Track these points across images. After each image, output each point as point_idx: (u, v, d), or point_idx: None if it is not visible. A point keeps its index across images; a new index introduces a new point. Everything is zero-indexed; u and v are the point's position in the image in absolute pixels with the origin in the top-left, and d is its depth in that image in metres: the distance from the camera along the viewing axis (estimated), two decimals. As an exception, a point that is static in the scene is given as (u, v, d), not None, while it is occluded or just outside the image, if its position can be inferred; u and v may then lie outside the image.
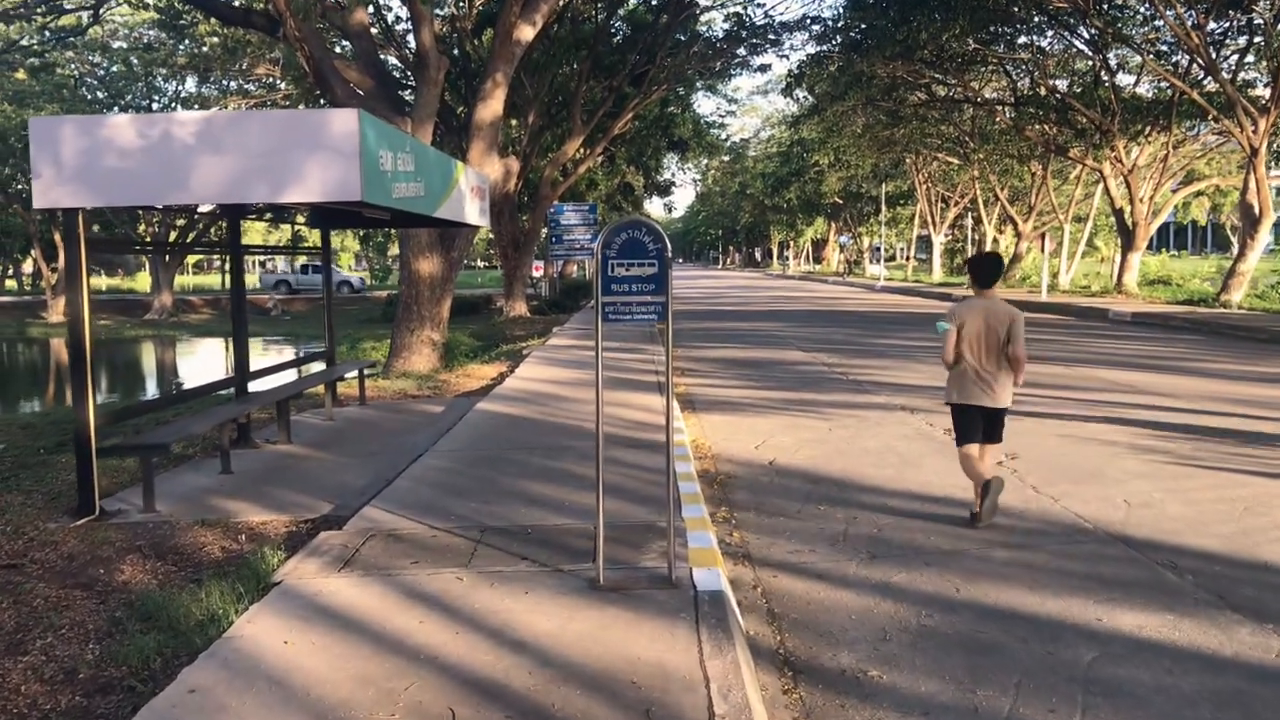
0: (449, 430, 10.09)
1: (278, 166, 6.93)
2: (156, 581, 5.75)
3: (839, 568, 5.99)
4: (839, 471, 8.48)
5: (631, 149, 35.14)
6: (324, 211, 11.95)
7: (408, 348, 15.45)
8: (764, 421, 10.95)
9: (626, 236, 5.06)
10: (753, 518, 7.17)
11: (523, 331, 25.65)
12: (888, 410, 11.45)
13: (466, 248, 16.19)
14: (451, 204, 10.16)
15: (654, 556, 5.62)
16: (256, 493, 7.75)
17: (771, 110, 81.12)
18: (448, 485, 7.56)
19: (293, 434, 10.16)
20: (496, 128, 15.36)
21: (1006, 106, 34.58)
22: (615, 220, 5.01)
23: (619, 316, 5.15)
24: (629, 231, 5.06)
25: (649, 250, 5.06)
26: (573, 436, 9.61)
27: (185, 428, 7.89)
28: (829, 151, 41.81)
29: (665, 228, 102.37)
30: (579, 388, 13.08)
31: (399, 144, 7.99)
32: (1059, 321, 25.27)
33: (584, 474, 7.89)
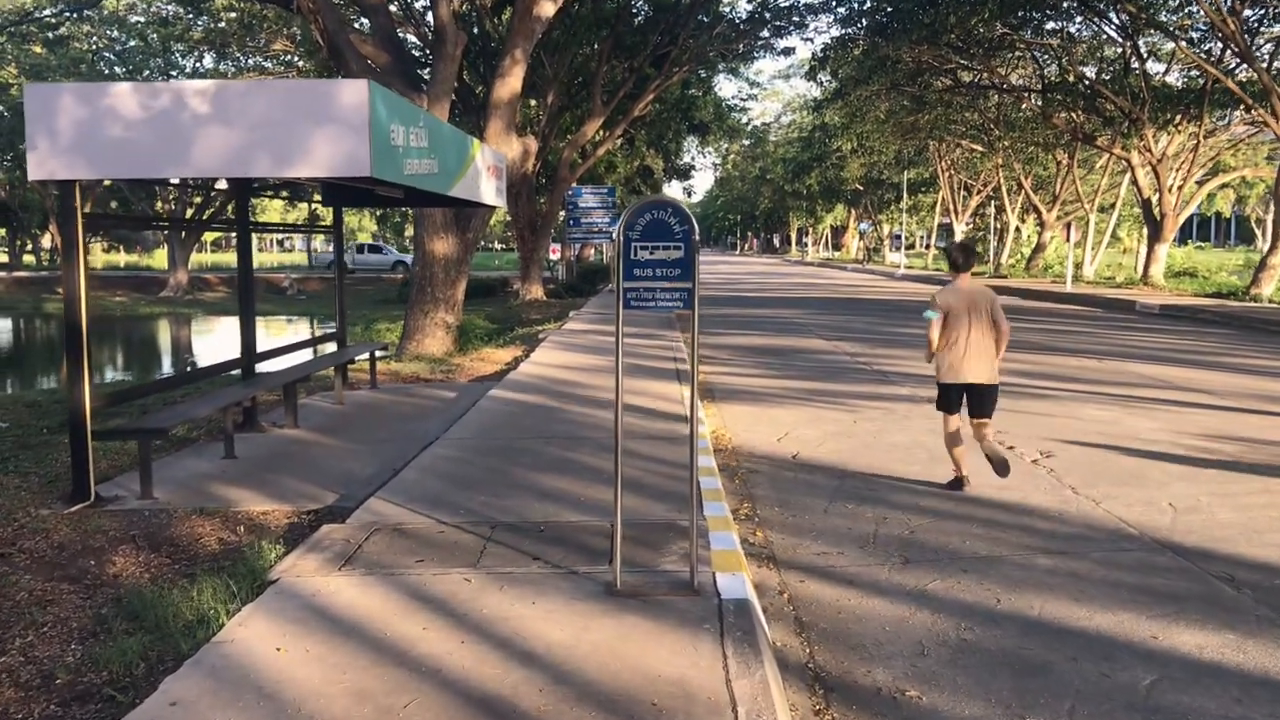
0: (461, 417, 9.77)
1: (283, 139, 6.59)
2: (148, 575, 5.44)
3: (870, 572, 5.64)
4: (866, 467, 8.12)
5: (652, 132, 34.67)
6: (336, 188, 11.62)
7: (421, 330, 15.13)
8: (786, 413, 10.59)
9: (650, 217, 4.70)
10: (777, 515, 6.83)
11: (539, 315, 25.32)
12: (914, 403, 11.06)
13: (482, 229, 15.85)
14: (467, 183, 9.81)
15: (674, 559, 5.28)
16: (259, 480, 7.44)
17: (793, 95, 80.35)
18: (458, 476, 7.24)
19: (300, 418, 9.86)
20: (515, 106, 14.98)
21: (1034, 93, 33.94)
22: (637, 201, 4.64)
23: (641, 303, 4.80)
24: (653, 212, 4.70)
25: (674, 232, 4.70)
26: (589, 426, 9.27)
27: (186, 411, 7.58)
28: (852, 137, 41.24)
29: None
30: (596, 374, 12.74)
31: (412, 118, 7.64)
32: (1085, 313, 24.79)
33: (600, 466, 7.55)
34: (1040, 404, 10.93)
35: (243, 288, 9.56)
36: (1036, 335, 18.68)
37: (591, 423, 9.43)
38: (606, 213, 32.23)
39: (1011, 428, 9.58)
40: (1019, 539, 6.19)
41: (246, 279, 9.58)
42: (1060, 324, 21.38)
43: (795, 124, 71.00)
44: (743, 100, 48.74)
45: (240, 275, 9.57)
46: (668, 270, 4.72)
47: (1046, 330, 19.78)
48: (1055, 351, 15.88)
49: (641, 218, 4.70)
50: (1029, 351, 15.82)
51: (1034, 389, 11.94)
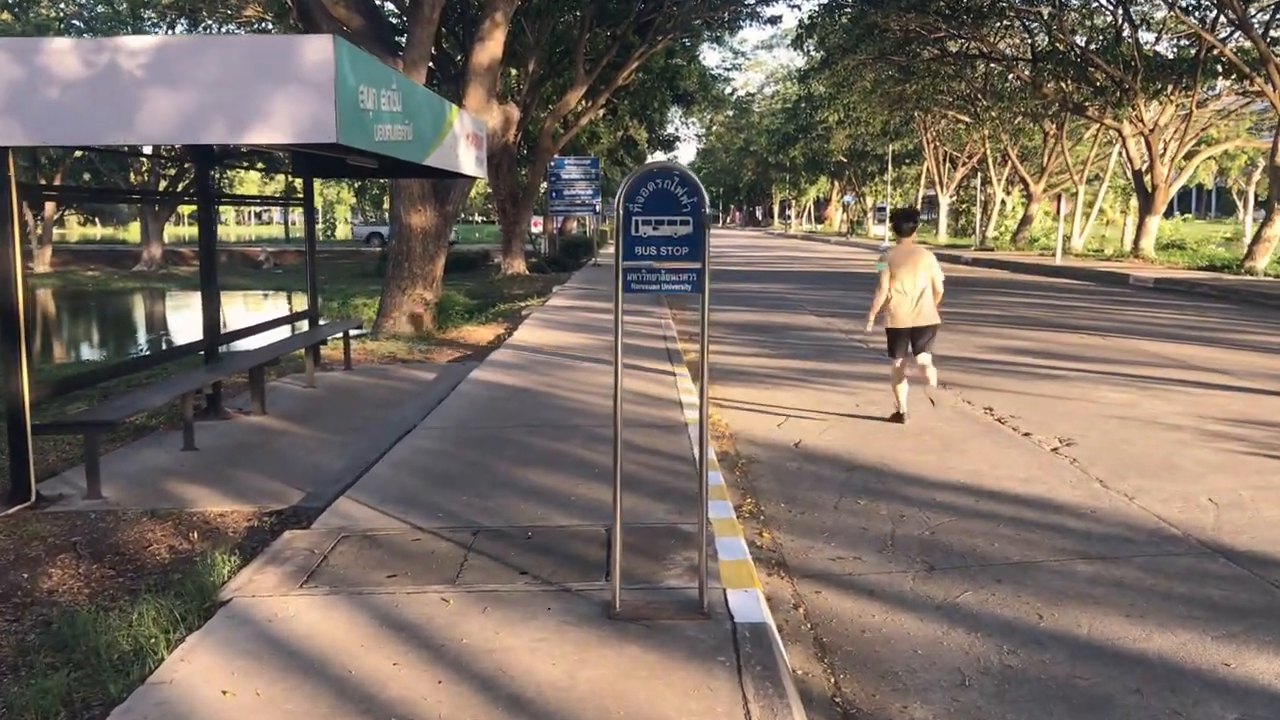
0: (440, 403, 9.16)
1: (239, 102, 5.94)
2: (87, 592, 4.84)
3: (893, 582, 5.09)
4: (875, 456, 7.56)
5: (635, 101, 33.88)
6: (306, 158, 10.94)
7: (398, 307, 14.47)
8: (784, 395, 10.03)
9: (655, 187, 4.09)
10: (784, 512, 6.27)
11: (521, 290, 24.65)
12: (918, 384, 10.51)
13: (462, 201, 15.17)
14: (444, 151, 9.16)
15: (679, 572, 4.71)
16: (219, 475, 6.83)
17: (776, 66, 79.50)
18: (435, 472, 6.64)
19: (269, 403, 9.24)
20: (495, 72, 14.28)
21: (1023, 62, 33.32)
22: (639, 167, 4.03)
23: (644, 286, 4.21)
24: (658, 180, 4.09)
25: (682, 205, 4.10)
26: (578, 413, 8.68)
27: (139, 401, 6.94)
28: (838, 107, 40.52)
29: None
30: (582, 354, 12.14)
31: (383, 80, 6.99)
32: (1078, 287, 24.31)
33: (592, 460, 6.97)
34: (1051, 385, 10.41)
35: (205, 264, 8.91)
36: (1035, 311, 18.18)
37: (580, 409, 8.85)
38: (590, 184, 31.50)
39: (1025, 412, 9.05)
40: (1052, 541, 5.65)
41: (209, 254, 8.92)
42: (1055, 299, 20.89)
43: (779, 95, 70.13)
44: (726, 70, 47.90)
45: (202, 250, 8.92)
46: (674, 248, 4.13)
47: (1043, 305, 19.29)
48: (1056, 328, 15.37)
49: (644, 187, 4.10)
50: (1030, 328, 15.32)
51: (1042, 369, 11.42)
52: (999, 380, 10.72)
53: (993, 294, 22.06)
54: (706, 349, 4.21)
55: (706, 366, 4.27)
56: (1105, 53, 29.89)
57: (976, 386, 10.33)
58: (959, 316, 16.83)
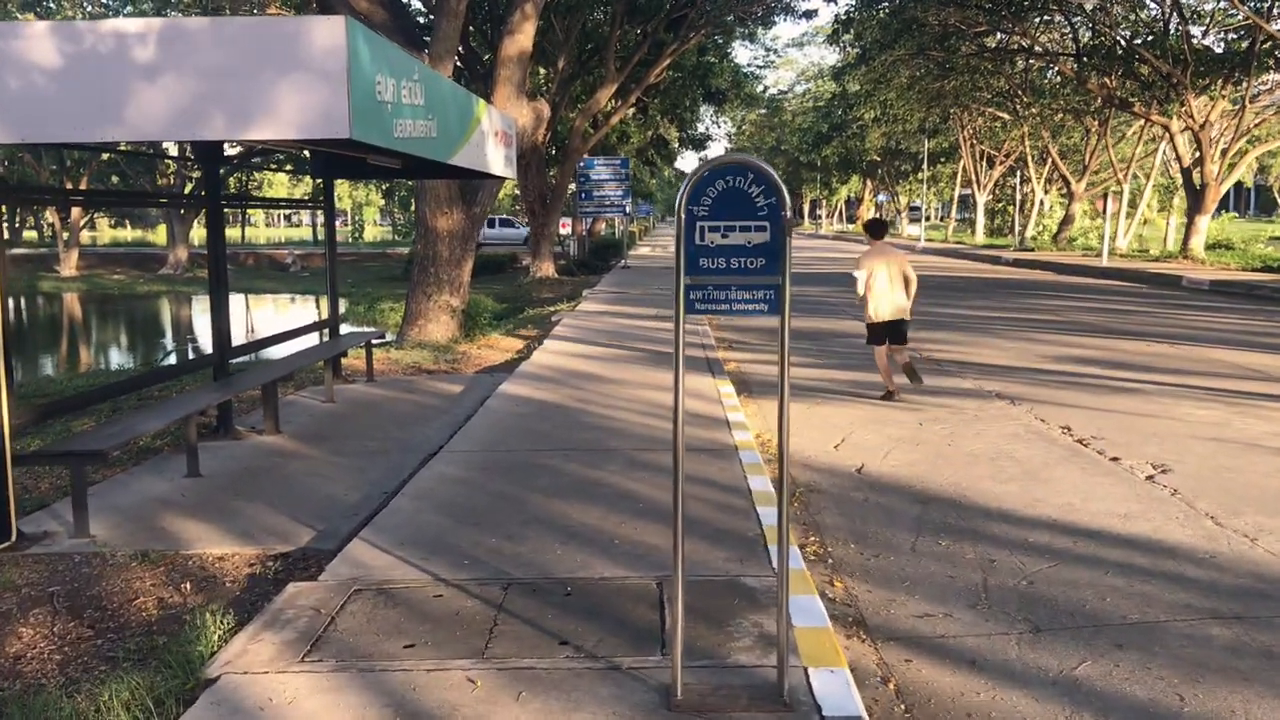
0: (466, 420, 8.47)
1: (240, 92, 5.27)
2: (58, 659, 4.17)
3: (994, 647, 4.33)
4: (949, 486, 6.80)
5: (666, 100, 33.13)
6: (325, 158, 10.30)
7: (423, 314, 13.81)
8: (837, 411, 9.27)
9: (724, 186, 3.37)
10: (855, 555, 5.52)
11: (550, 294, 23.99)
12: (983, 399, 9.74)
13: (490, 202, 14.50)
14: (471, 150, 8.48)
15: (748, 644, 3.98)
16: (222, 508, 6.16)
17: (807, 64, 78.52)
18: (461, 506, 5.93)
19: (284, 419, 8.61)
20: (525, 66, 13.59)
21: (1068, 58, 32.31)
22: (707, 162, 3.28)
23: (710, 305, 3.49)
24: (728, 178, 3.37)
25: (757, 207, 3.38)
26: (616, 433, 7.96)
27: (133, 426, 6.28)
28: (875, 104, 39.61)
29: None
30: (616, 365, 11.43)
31: (404, 70, 6.31)
32: (1129, 290, 23.34)
33: (634, 491, 6.25)
34: (1127, 400, 9.59)
35: (214, 271, 8.25)
36: (1090, 315, 17.28)
37: (617, 429, 8.13)
38: (620, 185, 30.82)
39: (1107, 432, 8.24)
40: (1172, 594, 4.87)
41: (218, 261, 8.27)
42: (1108, 302, 19.97)
43: (810, 93, 69.12)
44: (759, 68, 46.87)
45: (211, 256, 8.26)
46: (747, 260, 3.41)
47: (1098, 310, 18.38)
48: (1118, 334, 14.50)
49: (710, 186, 3.37)
50: (1090, 335, 14.45)
51: (1114, 381, 10.59)
52: (1070, 394, 9.91)
53: (1041, 297, 21.17)
54: (786, 392, 3.48)
55: (787, 415, 3.52)
56: (1153, 46, 28.87)
57: (1047, 401, 9.53)
58: (1012, 323, 16.01)
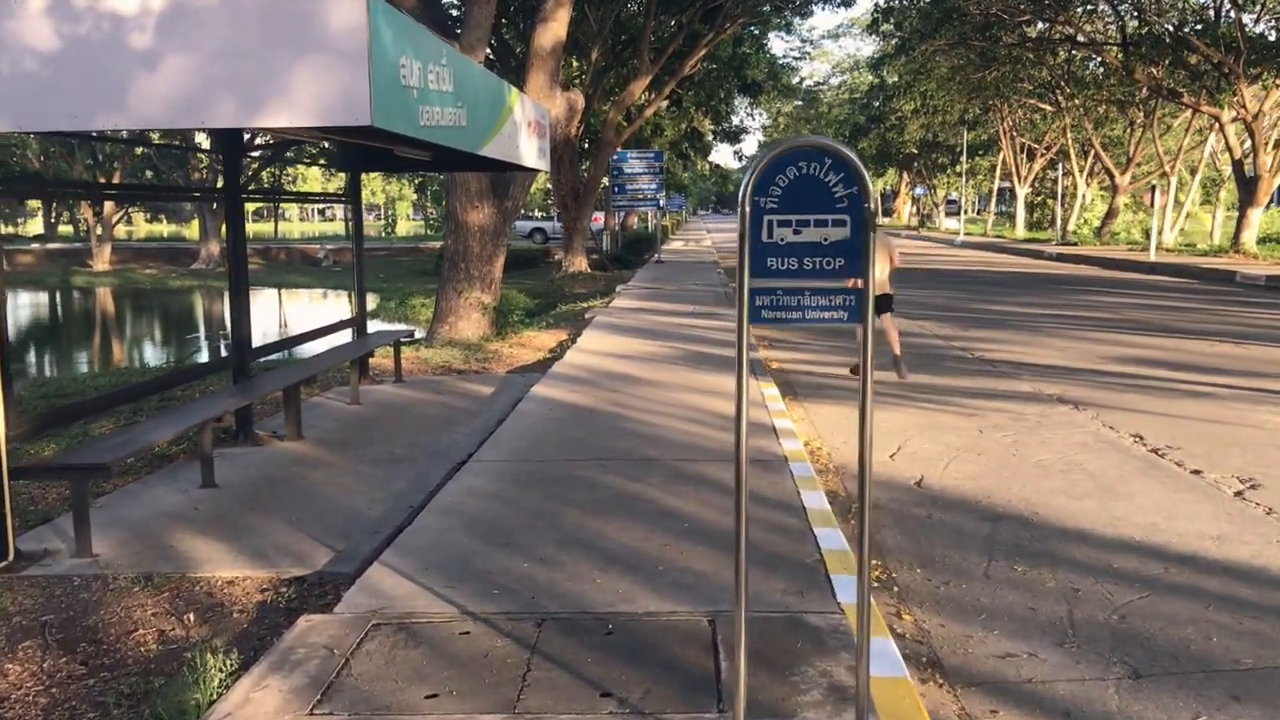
0: (498, 425, 8.02)
1: (252, 76, 4.84)
2: (44, 702, 3.76)
3: (1090, 696, 3.82)
4: (1019, 502, 6.27)
5: (701, 92, 32.58)
6: (351, 149, 9.89)
7: (454, 312, 13.39)
8: (888, 416, 8.74)
9: (797, 173, 2.87)
10: (923, 582, 5.02)
11: (583, 289, 23.53)
12: (1044, 403, 9.18)
13: (523, 196, 14.06)
14: (503, 141, 8.03)
15: (817, 699, 3.48)
16: (236, 524, 5.74)
17: (842, 56, 77.60)
18: (491, 524, 5.48)
19: (308, 423, 8.20)
20: (559, 55, 13.13)
21: (1114, 46, 31.45)
22: (776, 146, 2.78)
23: (780, 314, 2.99)
24: (801, 164, 2.87)
25: (836, 198, 2.88)
26: (655, 441, 7.48)
27: (142, 435, 5.86)
28: (915, 95, 38.83)
29: (727, 179, 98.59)
30: (653, 365, 10.95)
31: (431, 53, 5.86)
32: (1180, 285, 22.58)
33: (678, 508, 5.77)
34: (1200, 405, 9.00)
35: (233, 269, 7.84)
36: (1145, 313, 16.60)
37: (657, 435, 7.65)
38: (653, 178, 30.32)
39: (1183, 441, 7.67)
40: (1286, 633, 4.33)
41: (238, 258, 7.85)
42: (1161, 298, 19.26)
43: (845, 85, 68.24)
44: (794, 59, 46.28)
45: (230, 253, 7.85)
46: (823, 261, 2.91)
47: (1152, 307, 17.69)
48: (1177, 333, 13.85)
49: (781, 174, 2.88)
50: (1148, 333, 13.81)
51: (1182, 384, 9.99)
52: (1136, 398, 9.33)
53: (1090, 293, 20.48)
54: (870, 416, 2.99)
55: (870, 443, 3.03)
56: (1204, 34, 27.99)
57: (1113, 406, 8.96)
58: (1064, 320, 15.37)
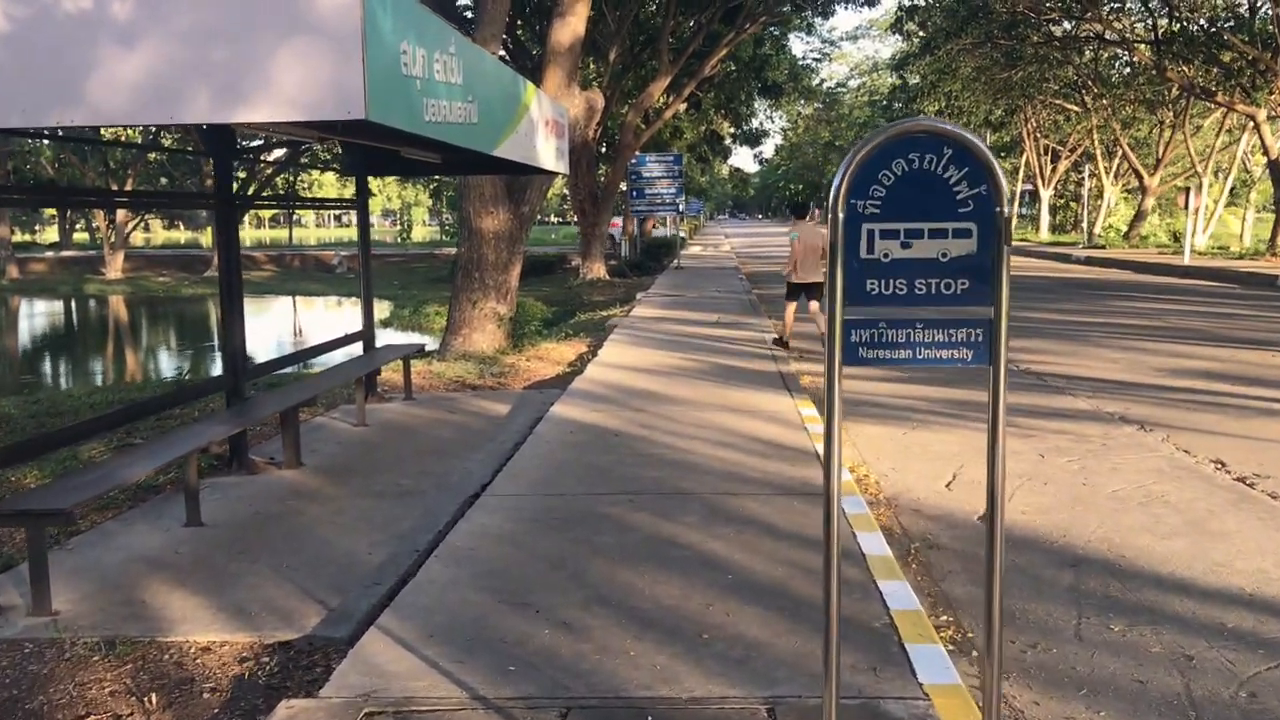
0: (514, 452, 7.35)
1: (228, 63, 4.19)
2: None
3: (1237, 808, 3.12)
4: (1100, 542, 5.55)
5: (721, 94, 31.87)
6: (358, 152, 9.26)
7: (468, 323, 12.73)
8: (938, 438, 8.03)
9: (907, 168, 2.19)
10: (1005, 643, 4.30)
11: (602, 297, 22.88)
12: (1106, 423, 8.45)
13: (540, 201, 13.40)
14: (519, 140, 7.36)
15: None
16: (219, 573, 5.08)
17: (861, 58, 76.69)
18: (506, 576, 4.79)
19: (309, 447, 7.59)
20: (577, 52, 12.46)
21: (1145, 44, 30.62)
22: (879, 132, 2.07)
23: (883, 351, 2.30)
24: (913, 155, 2.18)
25: (958, 199, 2.20)
26: (687, 470, 6.78)
27: (113, 474, 5.19)
28: (939, 96, 38.01)
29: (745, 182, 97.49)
30: (681, 381, 10.26)
31: (437, 40, 5.19)
32: (1220, 290, 21.74)
33: (720, 555, 5.08)
34: (1269, 424, 8.26)
35: (226, 283, 7.20)
36: (1192, 320, 15.80)
37: (689, 463, 6.96)
38: (673, 182, 29.63)
39: (1270, 466, 6.92)
40: None
41: (231, 270, 7.20)
42: (1202, 304, 18.44)
43: (865, 87, 67.42)
44: (814, 60, 45.38)
45: (222, 265, 7.21)
46: (941, 282, 2.22)
47: (1197, 314, 16.88)
48: (1231, 343, 13.05)
49: (885, 170, 2.19)
50: (1201, 343, 13.02)
51: (1253, 401, 9.24)
52: (1207, 417, 8.59)
53: (1128, 299, 19.67)
54: (1000, 491, 2.30)
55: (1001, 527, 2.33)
56: (1239, 30, 27.14)
57: (1183, 427, 8.22)
58: (1109, 329, 14.59)
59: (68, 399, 11.83)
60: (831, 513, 2.28)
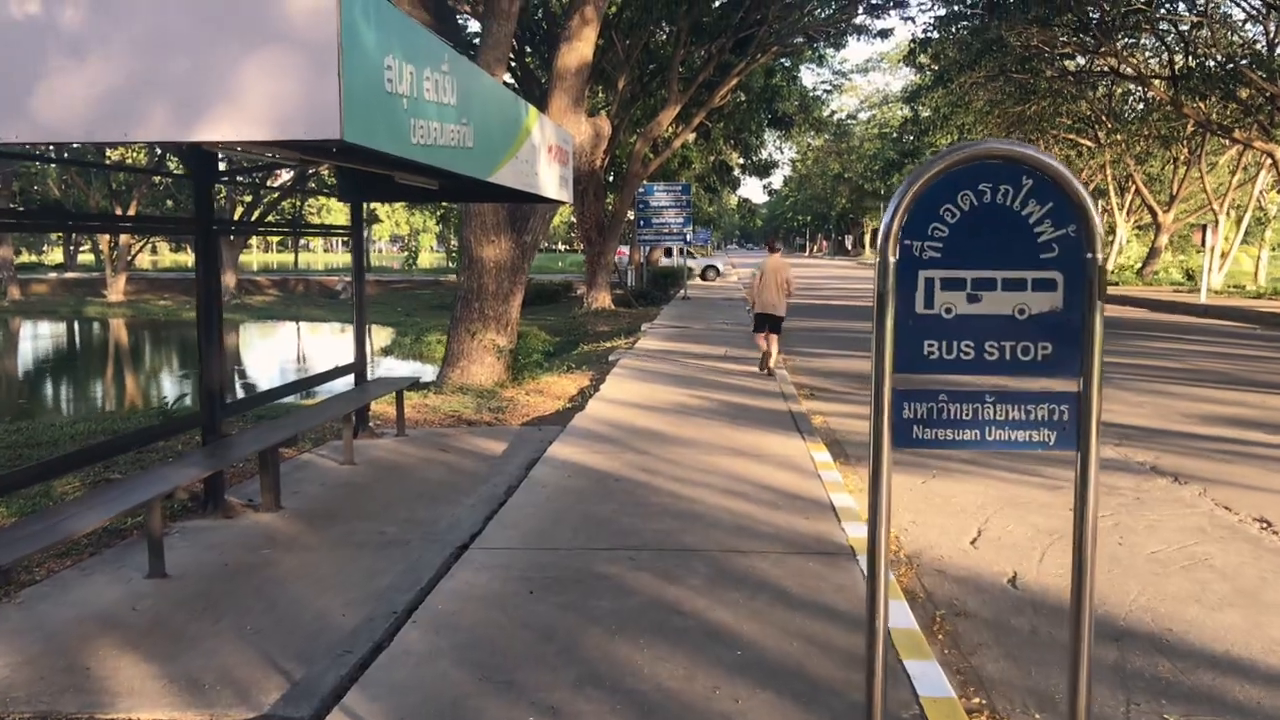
0: (508, 496, 6.89)
1: (186, 75, 3.77)
2: None
3: None
4: (1144, 613, 5.06)
5: (730, 124, 31.54)
6: (352, 177, 8.86)
7: (466, 355, 12.27)
8: (959, 488, 7.55)
9: (975, 202, 1.73)
10: (1048, 738, 3.83)
11: (607, 327, 22.44)
12: (1137, 474, 7.96)
13: (544, 229, 12.98)
14: (518, 167, 6.95)
15: None
16: (179, 634, 4.61)
17: (871, 90, 76.64)
18: (491, 649, 4.32)
19: (292, 488, 7.17)
20: (584, 77, 12.08)
21: (1161, 80, 30.26)
22: (942, 156, 1.61)
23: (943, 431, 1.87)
24: (983, 186, 1.73)
25: (1040, 242, 1.74)
26: (693, 521, 6.31)
27: (63, 524, 4.74)
28: (952, 129, 37.65)
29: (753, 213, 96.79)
30: (686, 419, 9.79)
31: (428, 55, 4.78)
32: (1240, 330, 21.23)
33: (728, 626, 4.60)
34: (1320, 479, 7.78)
35: (204, 312, 6.75)
36: (1215, 362, 15.29)
37: (696, 513, 6.48)
38: (680, 211, 29.27)
39: (1323, 530, 6.44)
40: None
41: (210, 299, 6.76)
42: (1225, 345, 17.93)
43: (875, 120, 67.24)
44: (825, 92, 45.03)
45: (200, 293, 6.76)
46: (1019, 346, 1.77)
47: (1220, 356, 16.37)
48: (1260, 387, 12.53)
49: (950, 202, 1.73)
50: (1228, 387, 12.51)
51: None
52: (1244, 470, 8.09)
53: (1147, 339, 19.17)
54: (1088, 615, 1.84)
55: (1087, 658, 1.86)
56: (1257, 66, 26.76)
57: (1220, 480, 7.73)
58: (1130, 370, 14.08)
59: (49, 429, 11.39)
60: (875, 657, 1.82)
